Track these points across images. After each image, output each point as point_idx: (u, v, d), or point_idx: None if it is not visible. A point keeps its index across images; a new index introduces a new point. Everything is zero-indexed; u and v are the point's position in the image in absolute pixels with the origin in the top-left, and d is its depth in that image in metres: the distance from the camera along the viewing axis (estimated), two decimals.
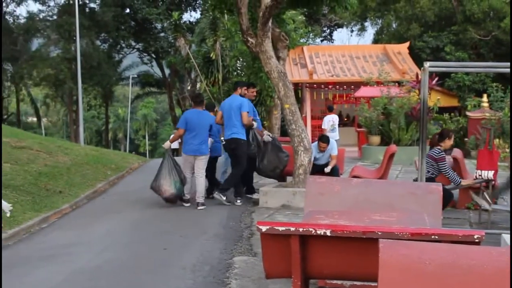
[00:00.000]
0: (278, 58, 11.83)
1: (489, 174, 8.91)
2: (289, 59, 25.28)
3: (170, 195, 10.69)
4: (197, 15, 48.57)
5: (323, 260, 4.37)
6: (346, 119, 29.00)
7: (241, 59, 22.85)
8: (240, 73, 23.79)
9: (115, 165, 16.99)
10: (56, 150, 16.46)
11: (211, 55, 23.28)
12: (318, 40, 42.33)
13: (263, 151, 11.40)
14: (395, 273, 3.39)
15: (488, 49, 30.77)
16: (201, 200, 10.67)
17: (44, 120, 69.67)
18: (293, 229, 4.18)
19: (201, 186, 10.73)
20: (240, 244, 7.91)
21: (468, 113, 23.21)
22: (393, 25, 37.88)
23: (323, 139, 11.84)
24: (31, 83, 45.23)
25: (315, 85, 26.87)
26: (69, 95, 42.84)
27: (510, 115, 18.45)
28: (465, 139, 22.77)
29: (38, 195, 11.22)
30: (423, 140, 7.99)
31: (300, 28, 23.05)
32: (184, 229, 8.91)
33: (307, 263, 4.36)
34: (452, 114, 25.35)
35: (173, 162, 10.79)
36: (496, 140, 18.87)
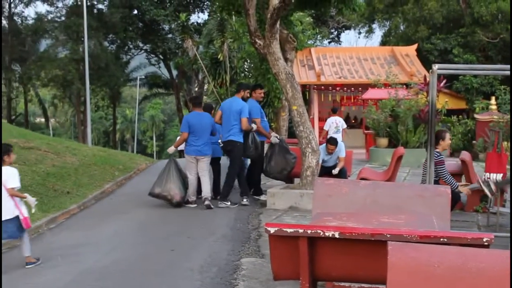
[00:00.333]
0: (286, 59, 11.84)
1: (498, 177, 8.89)
2: (296, 60, 25.28)
3: (180, 199, 10.80)
4: (205, 16, 48.62)
5: (331, 262, 4.37)
6: (353, 121, 28.94)
7: (249, 61, 22.84)
8: (248, 74, 23.78)
9: (122, 166, 17.03)
10: (64, 151, 16.51)
11: (218, 56, 23.28)
12: (325, 41, 42.29)
13: (271, 153, 11.42)
14: (403, 275, 3.38)
15: (496, 51, 30.68)
16: (208, 197, 10.82)
17: (52, 120, 69.83)
18: (301, 231, 4.18)
19: (206, 185, 10.89)
20: (247, 245, 7.91)
21: (476, 115, 23.14)
22: (401, 27, 37.78)
23: (331, 141, 11.82)
24: (39, 84, 45.29)
25: (322, 86, 26.83)
26: (77, 96, 42.90)
27: (510, 115, 18.36)
28: (473, 141, 22.70)
29: (46, 195, 11.26)
30: (431, 143, 7.97)
31: (307, 30, 23.02)
32: (191, 230, 8.92)
33: (315, 265, 4.36)
34: (460, 116, 25.30)
35: (177, 166, 10.94)
36: (505, 143, 18.80)
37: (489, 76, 26.64)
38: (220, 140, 11.25)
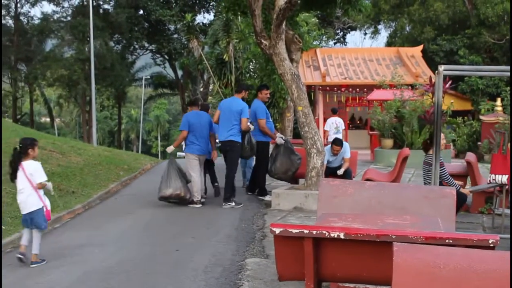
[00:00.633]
0: (291, 60, 11.83)
1: (503, 179, 8.85)
2: (302, 61, 25.29)
3: (191, 195, 10.93)
4: (211, 17, 48.67)
5: (336, 263, 4.36)
6: (359, 122, 28.93)
7: (254, 61, 22.85)
8: (253, 75, 23.78)
9: (127, 165, 17.06)
10: (69, 151, 16.53)
11: (224, 57, 23.27)
12: (331, 42, 42.30)
13: (276, 153, 11.43)
14: (409, 277, 3.37)
15: (502, 53, 30.63)
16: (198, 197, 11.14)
17: (57, 120, 69.99)
18: (306, 231, 4.17)
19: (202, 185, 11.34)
20: (252, 246, 7.91)
21: (481, 117, 23.09)
22: (407, 28, 37.75)
23: (336, 142, 11.82)
24: (44, 83, 45.40)
25: (328, 87, 26.82)
26: (82, 95, 43.01)
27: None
28: (479, 143, 22.66)
29: (51, 195, 11.25)
30: (437, 144, 7.96)
31: (313, 31, 23.03)
32: (196, 231, 8.92)
33: (320, 265, 4.35)
34: (466, 117, 25.26)
35: (178, 165, 11.02)
36: (510, 144, 18.75)
37: (494, 78, 26.59)
38: (217, 140, 11.21)
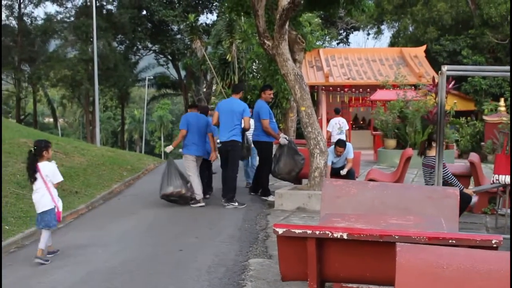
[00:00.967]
0: (294, 60, 11.81)
1: (507, 179, 8.84)
2: (305, 61, 25.28)
3: (192, 193, 11.03)
4: (214, 17, 48.79)
5: (339, 263, 4.36)
6: (362, 122, 28.91)
7: (257, 61, 22.88)
8: (256, 75, 23.81)
9: (130, 166, 17.06)
10: (73, 151, 16.54)
11: (227, 57, 23.32)
12: (334, 43, 42.33)
13: (279, 153, 11.43)
14: (412, 277, 3.37)
15: (506, 53, 30.59)
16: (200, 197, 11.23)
17: (60, 120, 70.00)
18: (309, 232, 4.17)
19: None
20: (255, 246, 7.91)
21: (485, 117, 23.07)
22: (410, 28, 37.74)
23: (340, 143, 11.80)
24: (48, 84, 45.45)
25: (331, 87, 26.80)
26: (85, 96, 43.03)
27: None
28: (482, 143, 22.64)
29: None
30: (441, 144, 7.95)
31: (316, 31, 23.06)
32: (199, 231, 8.92)
33: (323, 266, 4.35)
34: (469, 118, 25.22)
35: (176, 165, 11.13)
36: (510, 144, 18.72)
37: (498, 78, 26.56)
38: (218, 140, 11.20)
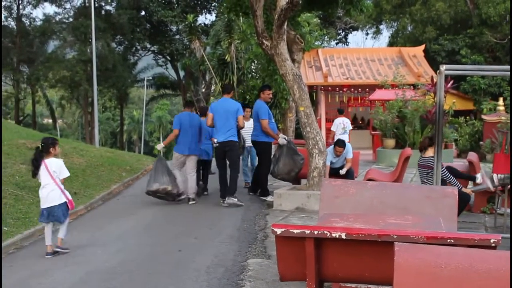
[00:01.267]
0: (293, 60, 11.81)
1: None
2: (304, 61, 25.25)
3: (179, 190, 11.23)
4: (212, 17, 48.73)
5: (338, 263, 4.36)
6: (361, 122, 28.91)
7: (256, 62, 22.85)
8: (255, 75, 23.78)
9: (129, 166, 17.04)
10: (72, 152, 16.52)
11: (226, 57, 23.28)
12: (333, 42, 42.29)
13: (279, 154, 11.44)
14: (410, 276, 3.37)
15: (504, 52, 30.60)
16: (192, 195, 11.41)
17: (59, 121, 69.99)
18: (308, 232, 4.16)
19: (193, 184, 11.44)
20: (254, 246, 7.91)
21: (483, 116, 23.08)
22: (409, 28, 37.74)
23: (339, 143, 11.80)
24: (46, 84, 45.38)
25: (330, 87, 26.81)
26: (84, 97, 43.00)
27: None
28: (481, 142, 22.64)
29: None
30: (439, 144, 7.95)
31: (315, 31, 22.99)
32: (198, 231, 8.92)
33: (321, 266, 4.35)
34: (468, 117, 25.24)
35: (166, 163, 11.39)
36: (510, 144, 18.72)
37: (497, 77, 26.58)
38: (216, 140, 11.13)
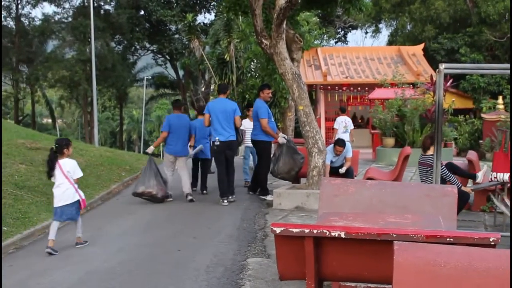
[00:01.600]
0: (292, 59, 11.81)
1: (505, 177, 8.84)
2: (303, 60, 25.27)
3: (164, 194, 11.47)
4: (211, 16, 48.76)
5: (337, 262, 4.35)
6: (360, 121, 28.91)
7: (255, 61, 22.83)
8: (254, 74, 23.78)
9: (129, 166, 17.04)
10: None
11: (225, 56, 23.28)
12: (332, 41, 42.31)
13: (278, 153, 11.44)
14: (410, 275, 3.37)
15: (504, 50, 30.60)
16: (188, 191, 11.74)
17: (59, 121, 69.97)
18: (307, 231, 4.16)
19: (187, 182, 11.82)
20: (254, 245, 7.91)
21: (483, 115, 23.09)
22: (408, 27, 37.74)
23: (339, 142, 11.78)
24: (46, 84, 45.36)
25: (329, 86, 26.82)
26: (84, 96, 42.98)
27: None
28: (480, 141, 22.65)
29: (52, 196, 11.25)
30: (439, 142, 7.95)
31: (314, 30, 23.02)
32: (197, 231, 8.92)
33: (321, 265, 4.34)
34: (467, 116, 25.24)
35: (156, 164, 11.61)
36: (510, 142, 18.71)
37: (496, 76, 26.57)
38: (218, 138, 11.08)
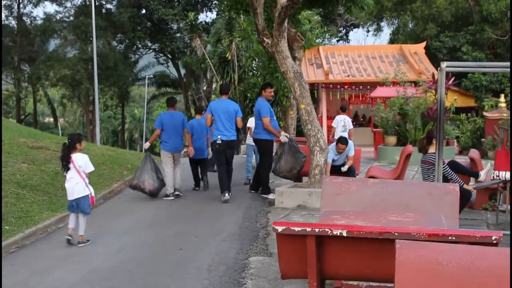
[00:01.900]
0: (294, 58, 11.81)
1: (507, 175, 8.83)
2: (305, 59, 25.27)
3: (154, 189, 11.74)
4: (213, 15, 48.75)
5: (339, 260, 4.35)
6: (362, 119, 28.89)
7: (257, 59, 22.86)
8: (256, 73, 23.80)
9: (131, 165, 17.02)
10: None
11: (227, 55, 23.30)
12: (334, 40, 42.30)
13: (280, 152, 11.45)
14: (412, 274, 3.37)
15: (506, 49, 30.54)
16: (177, 186, 12.13)
17: (60, 120, 69.92)
18: (309, 229, 4.16)
19: (179, 177, 12.24)
20: (256, 244, 7.91)
21: (485, 113, 23.04)
22: (410, 25, 37.68)
23: (342, 141, 11.78)
24: (48, 83, 45.31)
25: (331, 85, 26.81)
26: (85, 95, 42.95)
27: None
28: (482, 139, 22.61)
29: (54, 195, 11.27)
30: (440, 141, 7.94)
31: (316, 28, 23.01)
32: (199, 229, 8.92)
33: (323, 263, 4.34)
34: (469, 114, 25.20)
35: (152, 160, 11.94)
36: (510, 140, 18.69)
37: (498, 74, 26.49)
38: (220, 137, 11.22)
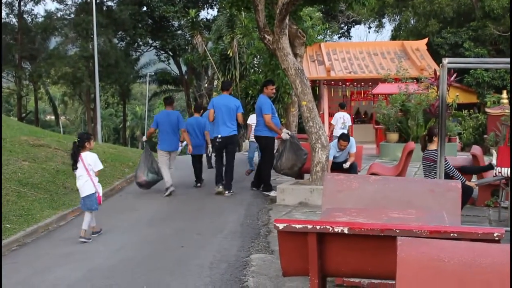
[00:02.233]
0: (295, 55, 11.79)
1: (509, 171, 8.80)
2: (306, 56, 25.21)
3: (142, 181, 12.09)
4: (214, 12, 48.56)
5: (340, 258, 4.34)
6: (364, 116, 28.86)
7: (258, 56, 22.84)
8: (257, 70, 23.78)
9: (132, 162, 17.01)
10: None
11: (228, 52, 23.27)
12: (335, 37, 42.24)
13: (282, 149, 11.44)
14: (413, 271, 3.35)
15: (508, 45, 30.47)
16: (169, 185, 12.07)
17: (62, 118, 69.92)
18: (310, 226, 4.14)
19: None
20: (257, 241, 7.90)
21: (487, 109, 22.99)
22: (411, 22, 37.63)
23: (344, 137, 11.78)
24: (49, 81, 45.28)
25: (332, 82, 26.77)
26: (86, 93, 42.94)
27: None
28: (485, 136, 22.56)
29: (56, 193, 11.28)
30: (442, 137, 7.91)
31: (317, 25, 22.94)
32: (201, 227, 8.91)
33: (324, 261, 4.33)
34: (471, 110, 25.16)
35: (149, 154, 12.28)
36: (510, 136, 18.66)
37: (500, 70, 26.46)
38: (219, 135, 11.57)
